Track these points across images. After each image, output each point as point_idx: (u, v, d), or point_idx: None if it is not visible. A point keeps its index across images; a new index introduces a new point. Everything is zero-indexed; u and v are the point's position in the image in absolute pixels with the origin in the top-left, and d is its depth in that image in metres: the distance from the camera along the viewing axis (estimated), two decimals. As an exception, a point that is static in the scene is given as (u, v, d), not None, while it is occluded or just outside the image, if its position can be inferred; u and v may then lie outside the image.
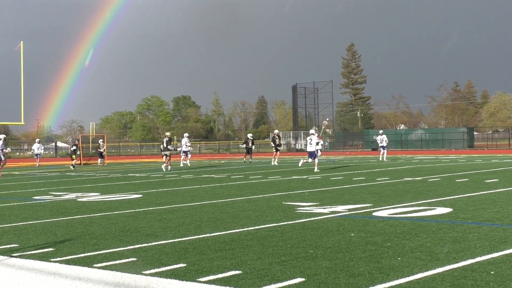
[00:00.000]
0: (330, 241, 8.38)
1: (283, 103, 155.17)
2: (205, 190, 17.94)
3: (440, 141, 68.02)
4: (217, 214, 11.74)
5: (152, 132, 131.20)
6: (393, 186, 17.20)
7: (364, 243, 8.20)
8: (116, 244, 8.70)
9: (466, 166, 27.46)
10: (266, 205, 13.09)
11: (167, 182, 21.77)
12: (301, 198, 14.59)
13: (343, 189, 16.90)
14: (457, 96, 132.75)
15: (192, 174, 26.88)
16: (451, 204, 12.30)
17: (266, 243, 8.37)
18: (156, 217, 11.56)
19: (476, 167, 26.73)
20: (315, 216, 10.98)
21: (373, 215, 11.04)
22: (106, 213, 12.53)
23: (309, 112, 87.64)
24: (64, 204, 14.80)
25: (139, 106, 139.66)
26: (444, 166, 27.94)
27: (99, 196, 16.80)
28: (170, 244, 8.59)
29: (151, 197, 16.02)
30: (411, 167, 27.77)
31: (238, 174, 25.84)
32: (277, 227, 9.81)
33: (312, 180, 20.85)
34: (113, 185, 21.20)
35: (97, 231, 10.01)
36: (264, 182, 20.42)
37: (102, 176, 27.69)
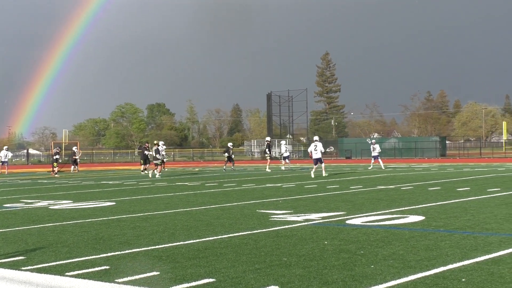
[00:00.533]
0: (304, 249, 8.40)
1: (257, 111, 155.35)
2: (179, 197, 17.87)
3: (413, 149, 68.68)
4: (191, 222, 11.70)
5: (125, 140, 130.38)
6: (366, 194, 17.30)
7: (338, 251, 8.23)
8: (89, 252, 8.62)
9: (438, 175, 27.74)
10: (240, 213, 13.07)
11: (140, 190, 21.64)
12: (275, 206, 14.60)
13: (317, 197, 16.95)
14: (430, 106, 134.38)
15: (166, 181, 26.76)
16: (423, 212, 12.41)
17: (240, 251, 8.37)
18: (130, 225, 11.48)
19: (448, 175, 27.02)
20: (289, 224, 11.00)
21: (347, 223, 11.09)
22: (78, 220, 12.41)
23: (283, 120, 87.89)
24: (36, 211, 14.63)
25: (113, 113, 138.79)
26: (417, 175, 28.19)
27: (72, 203, 16.64)
28: (144, 252, 8.54)
29: (125, 204, 15.91)
30: (384, 176, 27.95)
31: (212, 182, 25.79)
32: (251, 235, 9.81)
33: (286, 188, 20.88)
34: (86, 193, 21.01)
35: (69, 239, 9.91)
36: (238, 190, 20.41)
37: (75, 183, 27.43)
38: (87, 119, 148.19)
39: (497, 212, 12.16)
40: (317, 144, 28.40)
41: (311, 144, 28.98)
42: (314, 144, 28.67)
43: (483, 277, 6.51)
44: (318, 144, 28.41)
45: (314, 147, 28.45)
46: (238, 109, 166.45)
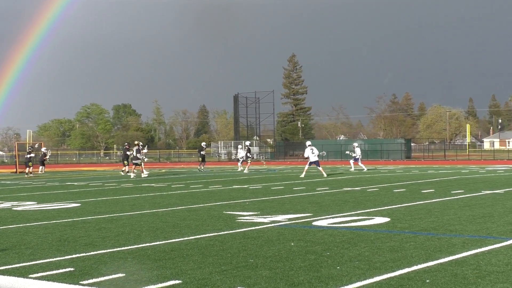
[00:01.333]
0: (271, 251, 8.42)
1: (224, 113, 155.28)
2: (145, 199, 17.76)
3: (378, 151, 69.36)
4: (157, 223, 11.64)
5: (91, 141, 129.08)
6: (332, 196, 17.40)
7: (304, 252, 8.27)
8: (53, 254, 8.51)
9: (403, 177, 28.05)
10: (207, 214, 13.05)
11: (106, 191, 21.44)
12: (242, 207, 14.61)
13: (283, 198, 17.00)
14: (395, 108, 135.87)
15: (132, 183, 26.56)
16: (388, 214, 12.54)
17: (207, 253, 8.35)
18: (95, 227, 11.37)
19: (413, 177, 27.34)
20: (256, 226, 11.01)
21: (313, 224, 11.15)
22: (42, 222, 12.25)
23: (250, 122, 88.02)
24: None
25: (78, 113, 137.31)
26: (382, 177, 28.46)
27: (36, 205, 16.41)
28: (109, 253, 8.46)
29: (90, 206, 15.75)
30: (350, 177, 28.16)
31: (178, 183, 25.68)
32: (218, 237, 9.80)
33: (253, 189, 20.91)
34: (51, 194, 20.75)
35: (33, 240, 9.77)
36: (205, 191, 20.36)
37: (39, 184, 27.05)
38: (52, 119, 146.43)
39: (460, 214, 12.35)
40: (313, 148, 29.53)
41: (307, 149, 29.79)
42: (310, 148, 29.61)
43: (447, 278, 6.60)
44: (314, 148, 29.59)
45: (311, 150, 29.41)
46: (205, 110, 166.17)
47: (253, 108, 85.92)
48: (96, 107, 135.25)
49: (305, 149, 30.16)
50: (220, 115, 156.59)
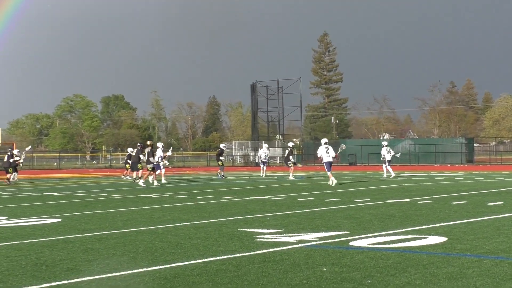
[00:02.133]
0: (297, 277, 8.41)
1: (239, 106, 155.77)
2: (141, 213, 17.82)
3: (432, 154, 69.00)
4: (157, 244, 11.68)
5: (74, 140, 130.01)
6: (374, 210, 17.34)
7: (339, 279, 8.25)
8: (27, 281, 8.56)
9: (464, 186, 27.86)
10: (218, 232, 13.06)
11: (93, 203, 21.56)
12: (262, 223, 14.60)
13: (313, 212, 16.97)
14: (453, 99, 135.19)
15: (126, 193, 26.69)
16: (445, 232, 12.46)
17: (218, 280, 8.36)
18: (79, 247, 11.43)
19: (476, 186, 27.14)
20: (279, 246, 11.00)
21: (350, 245, 11.11)
22: (14, 241, 12.34)
23: (272, 117, 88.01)
24: (-39, 230, 14.52)
25: (58, 107, 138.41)
26: (438, 185, 28.29)
27: (6, 220, 16.54)
28: (97, 280, 8.50)
29: (73, 221, 15.84)
30: (396, 186, 28.03)
31: (183, 193, 25.75)
32: (232, 260, 9.80)
33: (275, 201, 20.90)
34: (24, 207, 20.90)
35: (3, 264, 9.85)
36: (216, 204, 20.39)
37: (10, 195, 27.28)
38: (25, 114, 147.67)
39: (536, 232, 12.24)
40: (329, 147, 29.84)
41: (322, 147, 29.99)
42: (325, 146, 29.86)
43: (519, 313, 6.55)
44: (329, 147, 29.89)
45: (326, 149, 29.64)
46: (216, 102, 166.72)
47: (275, 100, 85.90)
48: (81, 99, 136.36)
49: (319, 147, 30.39)
50: (234, 108, 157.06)
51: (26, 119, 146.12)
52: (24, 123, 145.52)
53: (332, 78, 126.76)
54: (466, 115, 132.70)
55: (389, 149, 33.62)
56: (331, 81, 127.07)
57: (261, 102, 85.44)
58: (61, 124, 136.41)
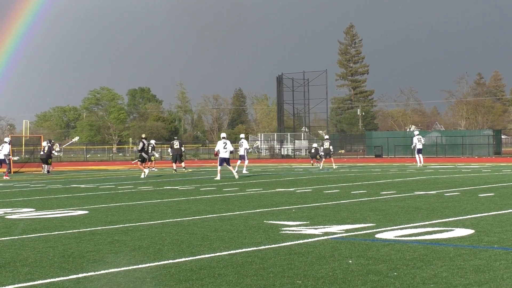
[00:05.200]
0: (323, 270, 8.39)
1: (265, 98, 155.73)
2: (167, 205, 17.89)
3: (459, 146, 68.57)
4: (183, 236, 11.71)
5: (101, 133, 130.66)
6: (400, 202, 17.28)
7: (365, 272, 8.22)
8: (55, 272, 8.63)
9: (491, 178, 27.67)
10: (244, 225, 13.08)
11: (119, 196, 21.68)
12: (287, 216, 14.60)
13: (339, 205, 16.94)
14: (481, 91, 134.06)
15: (152, 185, 26.80)
16: (472, 225, 12.39)
17: (243, 272, 8.36)
18: (106, 239, 11.50)
19: (504, 179, 26.95)
20: (304, 238, 10.99)
21: (376, 237, 11.08)
22: (42, 233, 12.43)
23: (297, 110, 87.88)
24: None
25: (85, 100, 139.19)
26: (465, 178, 28.13)
27: (34, 212, 16.67)
28: (123, 272, 8.54)
29: (100, 213, 15.93)
30: (423, 178, 27.91)
31: (208, 185, 25.81)
32: (257, 252, 9.81)
33: (300, 193, 20.89)
34: (52, 199, 21.06)
35: (31, 256, 9.92)
36: (242, 196, 20.42)
37: (38, 187, 27.50)
38: (53, 107, 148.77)
39: None
40: (227, 142, 31.45)
41: (220, 141, 31.58)
42: (223, 141, 31.37)
43: (548, 306, 6.49)
44: (227, 141, 31.56)
45: (224, 144, 31.22)
46: (242, 95, 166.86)
47: (301, 92, 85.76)
48: (108, 91, 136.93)
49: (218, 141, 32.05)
50: (260, 101, 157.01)
51: (54, 112, 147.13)
52: (51, 116, 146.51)
53: (358, 70, 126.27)
54: (493, 106, 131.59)
55: (420, 138, 34.50)
56: (357, 73, 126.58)
57: (287, 94, 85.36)
58: (88, 117, 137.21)
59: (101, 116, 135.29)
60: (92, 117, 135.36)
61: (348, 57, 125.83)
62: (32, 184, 29.55)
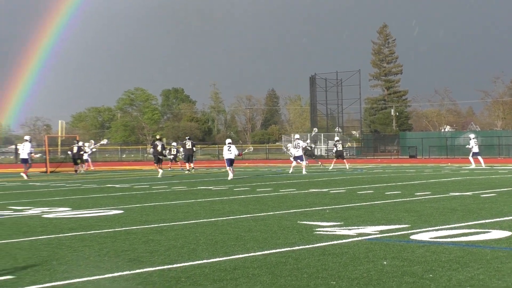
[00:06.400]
0: (357, 271, 8.37)
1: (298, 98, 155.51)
2: (201, 205, 17.95)
3: (496, 147, 67.85)
4: (216, 236, 11.74)
5: (135, 133, 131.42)
6: (436, 203, 17.16)
7: (400, 273, 8.18)
8: (91, 271, 8.70)
9: (527, 179, 27.38)
10: (277, 225, 13.08)
11: (154, 195, 21.80)
12: (321, 216, 14.58)
13: (373, 205, 16.88)
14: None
15: (186, 185, 26.91)
16: (510, 227, 12.27)
17: (277, 272, 8.37)
18: (141, 239, 11.57)
19: (540, 180, 26.65)
20: (338, 239, 10.97)
21: (411, 238, 11.02)
22: (78, 232, 12.55)
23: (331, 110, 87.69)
24: (27, 221, 14.84)
25: (119, 100, 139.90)
26: (502, 179, 27.86)
27: (70, 211, 16.83)
28: (158, 271, 8.59)
29: (135, 213, 16.04)
30: (458, 179, 27.69)
31: (242, 185, 25.85)
32: (291, 252, 9.81)
33: (334, 194, 20.85)
34: (88, 198, 21.24)
35: (67, 255, 10.02)
36: (275, 196, 20.42)
37: (74, 187, 27.74)
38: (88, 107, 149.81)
39: None
40: (231, 145, 32.86)
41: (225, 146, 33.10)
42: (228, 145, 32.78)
43: None
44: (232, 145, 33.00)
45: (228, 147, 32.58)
46: (275, 95, 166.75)
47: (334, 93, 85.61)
48: (142, 92, 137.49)
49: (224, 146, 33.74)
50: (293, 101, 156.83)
51: (89, 112, 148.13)
52: (86, 116, 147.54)
53: (391, 70, 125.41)
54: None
55: (476, 141, 35.06)
56: (391, 73, 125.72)
57: (320, 94, 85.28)
58: (122, 117, 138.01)
59: (135, 116, 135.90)
60: (126, 118, 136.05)
61: (381, 57, 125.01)
62: (68, 184, 29.83)
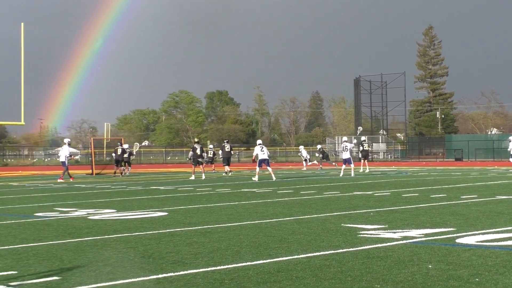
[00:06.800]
0: (402, 274, 8.31)
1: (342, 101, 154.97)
2: (245, 207, 17.98)
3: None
4: (260, 238, 11.75)
5: (180, 135, 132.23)
6: (482, 206, 16.96)
7: (445, 277, 8.11)
8: (136, 272, 8.77)
9: None
10: (321, 228, 13.05)
11: (198, 197, 21.90)
12: (365, 219, 14.50)
13: (418, 208, 16.75)
14: None
15: (230, 188, 26.99)
16: (557, 230, 12.09)
17: (321, 275, 8.35)
18: (185, 241, 11.63)
19: None
20: (383, 242, 10.91)
21: (457, 242, 10.91)
22: (123, 234, 12.66)
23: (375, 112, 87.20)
24: (73, 222, 15.02)
25: (164, 103, 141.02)
26: (548, 182, 27.44)
27: (115, 213, 16.99)
28: (202, 273, 8.62)
29: (179, 215, 16.13)
30: (506, 183, 27.34)
31: (286, 188, 25.83)
32: (335, 255, 9.78)
33: (378, 196, 20.73)
34: (132, 200, 21.42)
35: (113, 256, 10.12)
36: (319, 199, 20.37)
37: (119, 189, 28.00)
38: (133, 110, 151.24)
39: None
40: (263, 146, 33.88)
41: (257, 147, 33.90)
42: (260, 146, 33.56)
43: None
44: (263, 146, 33.98)
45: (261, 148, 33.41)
46: (319, 97, 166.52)
47: (379, 95, 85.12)
48: (186, 94, 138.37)
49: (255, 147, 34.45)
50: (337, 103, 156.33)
51: (134, 115, 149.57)
52: (131, 119, 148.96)
53: (437, 72, 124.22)
54: None
55: None
56: (436, 75, 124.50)
57: (365, 97, 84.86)
58: (167, 120, 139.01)
59: (180, 119, 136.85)
60: (171, 120, 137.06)
61: (427, 59, 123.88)
62: (113, 186, 30.12)
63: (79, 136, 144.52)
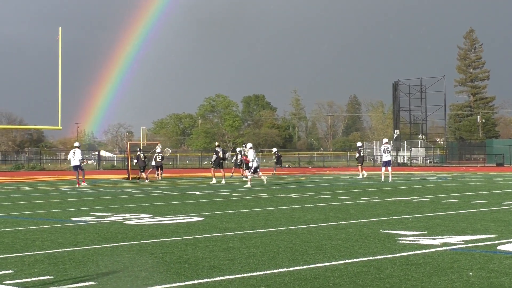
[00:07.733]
0: (442, 282, 8.24)
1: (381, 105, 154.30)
2: (281, 213, 17.97)
3: None
4: (297, 244, 11.73)
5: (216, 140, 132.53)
6: (524, 213, 16.78)
7: (487, 285, 8.02)
8: (171, 278, 8.80)
9: None
10: (359, 234, 12.99)
11: (234, 203, 21.93)
12: (404, 225, 14.41)
13: (458, 215, 16.60)
14: None
15: (266, 193, 27.00)
16: None
17: (359, 282, 8.31)
18: (221, 246, 11.65)
19: None
20: (422, 249, 10.83)
21: (498, 249, 10.80)
22: (159, 239, 12.72)
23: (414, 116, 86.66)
24: (109, 227, 15.13)
25: (200, 107, 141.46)
26: None
27: (151, 218, 17.08)
28: (239, 279, 8.63)
29: (215, 220, 16.16)
30: (548, 188, 27.00)
31: (323, 193, 25.78)
32: (373, 262, 9.72)
33: (417, 202, 20.58)
34: (168, 205, 21.51)
35: (148, 261, 10.16)
36: (357, 204, 20.29)
37: (155, 193, 28.15)
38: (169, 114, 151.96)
39: None
40: (389, 146, 34.21)
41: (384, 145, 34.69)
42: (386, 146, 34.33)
43: None
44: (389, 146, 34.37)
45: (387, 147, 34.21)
46: (357, 101, 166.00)
47: (418, 99, 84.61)
48: (223, 99, 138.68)
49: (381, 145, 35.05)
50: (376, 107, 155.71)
51: (170, 119, 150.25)
52: (168, 123, 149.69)
53: (478, 75, 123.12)
54: None
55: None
56: (477, 79, 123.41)
57: (403, 101, 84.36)
58: (203, 124, 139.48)
59: (216, 123, 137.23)
60: (207, 124, 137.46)
61: (467, 62, 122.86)
62: (149, 191, 30.30)
63: (116, 141, 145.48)
